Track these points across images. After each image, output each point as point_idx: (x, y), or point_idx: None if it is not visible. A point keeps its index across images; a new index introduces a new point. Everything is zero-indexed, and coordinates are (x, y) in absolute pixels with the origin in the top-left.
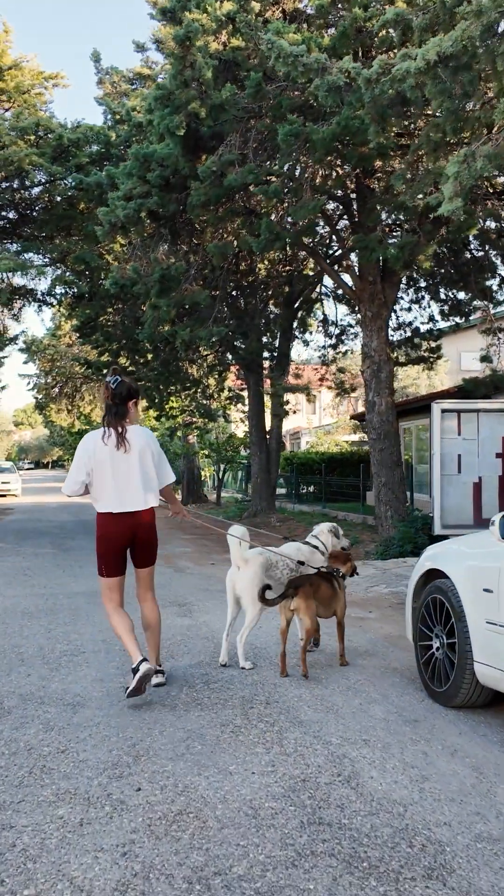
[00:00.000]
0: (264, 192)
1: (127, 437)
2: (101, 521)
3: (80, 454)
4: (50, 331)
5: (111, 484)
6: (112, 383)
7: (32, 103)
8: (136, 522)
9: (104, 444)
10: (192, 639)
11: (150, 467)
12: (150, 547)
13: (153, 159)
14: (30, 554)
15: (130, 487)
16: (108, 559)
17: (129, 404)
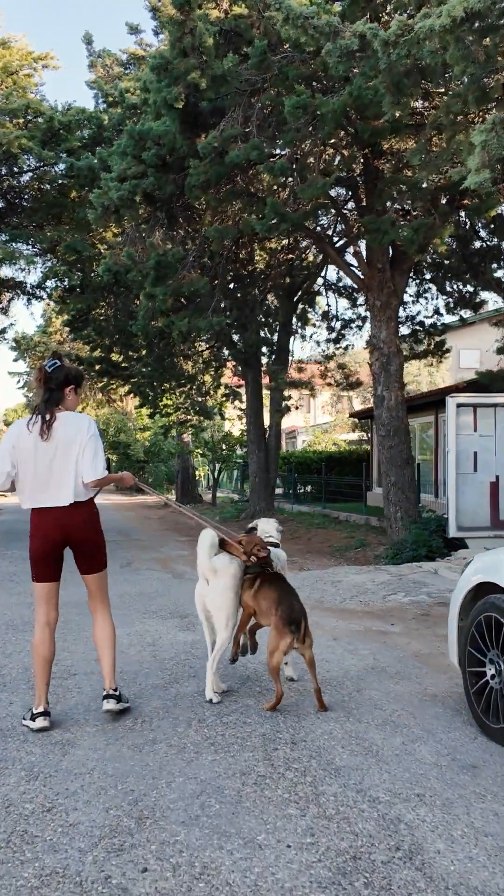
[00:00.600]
0: (269, 169)
1: (53, 426)
2: (31, 519)
3: (4, 442)
4: (40, 328)
5: (31, 476)
6: (48, 366)
7: (22, 85)
8: (66, 521)
9: (29, 431)
10: (197, 658)
11: (76, 459)
12: (89, 549)
13: (149, 137)
14: (17, 557)
15: (52, 480)
16: (35, 560)
17: (65, 390)
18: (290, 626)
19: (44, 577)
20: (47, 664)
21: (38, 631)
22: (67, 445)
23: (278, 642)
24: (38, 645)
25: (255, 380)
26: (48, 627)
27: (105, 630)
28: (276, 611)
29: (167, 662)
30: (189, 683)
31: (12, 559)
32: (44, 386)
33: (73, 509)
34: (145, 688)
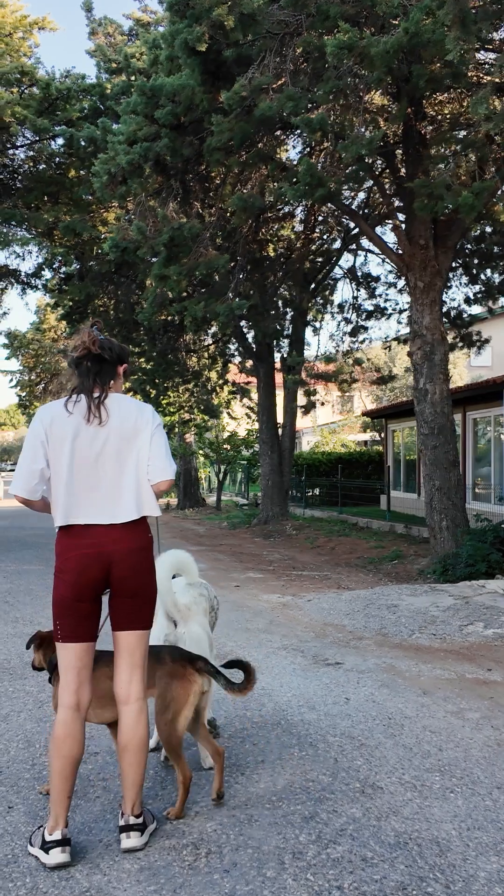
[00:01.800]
0: (307, 123)
1: (105, 405)
2: (59, 546)
3: (33, 432)
4: (34, 324)
5: (67, 476)
6: (95, 332)
7: (15, 48)
8: (113, 547)
9: (68, 412)
10: (258, 727)
11: (137, 454)
12: (138, 593)
13: (163, 93)
14: (11, 572)
15: (102, 484)
16: (64, 608)
17: (119, 368)
18: (194, 664)
19: (75, 635)
20: (73, 767)
21: (64, 719)
22: (127, 436)
23: (187, 693)
24: (61, 739)
25: (268, 375)
26: (78, 713)
27: (139, 727)
28: (163, 659)
29: (221, 734)
30: (261, 776)
31: (6, 574)
32: (93, 354)
33: (128, 531)
34: (198, 780)
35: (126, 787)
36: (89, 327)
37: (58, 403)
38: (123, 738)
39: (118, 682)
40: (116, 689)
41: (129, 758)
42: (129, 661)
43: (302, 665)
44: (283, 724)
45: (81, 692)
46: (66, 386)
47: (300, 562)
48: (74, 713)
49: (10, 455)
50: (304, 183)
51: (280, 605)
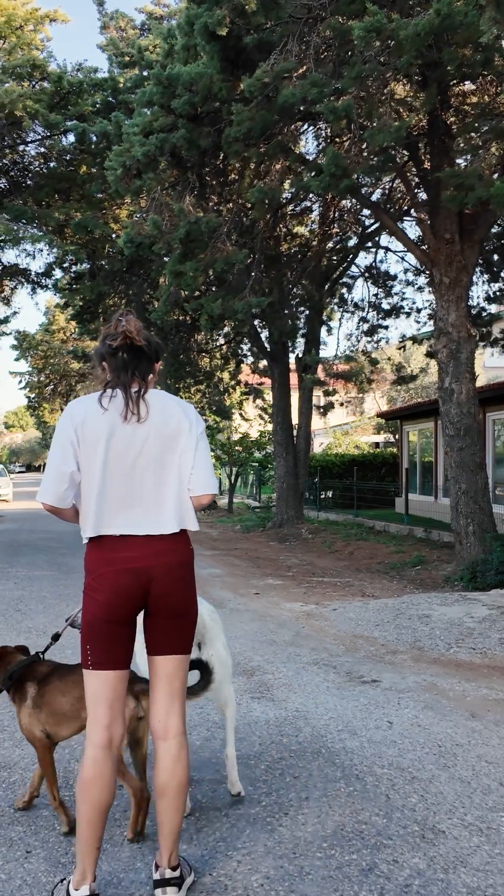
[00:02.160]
0: (331, 110)
1: (145, 400)
2: (91, 560)
3: (62, 431)
4: (43, 325)
5: (100, 482)
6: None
7: (26, 41)
8: (154, 561)
9: (103, 409)
10: (297, 756)
11: (180, 459)
12: (178, 613)
13: (180, 83)
14: (23, 577)
15: (141, 490)
16: (96, 631)
17: (156, 365)
18: (132, 684)
19: (108, 661)
20: (103, 814)
21: (93, 758)
22: (169, 437)
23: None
24: (89, 782)
25: (283, 375)
26: (109, 752)
27: (178, 768)
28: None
29: (257, 764)
30: (310, 813)
31: (18, 580)
32: (133, 346)
33: (170, 543)
34: (237, 821)
35: (163, 835)
36: (122, 315)
37: (90, 399)
38: (161, 780)
39: (155, 713)
40: (152, 723)
41: (168, 802)
42: (167, 691)
43: (336, 683)
44: (324, 753)
45: (114, 728)
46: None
47: (319, 567)
48: (105, 752)
49: (19, 457)
50: (329, 174)
51: (304, 614)
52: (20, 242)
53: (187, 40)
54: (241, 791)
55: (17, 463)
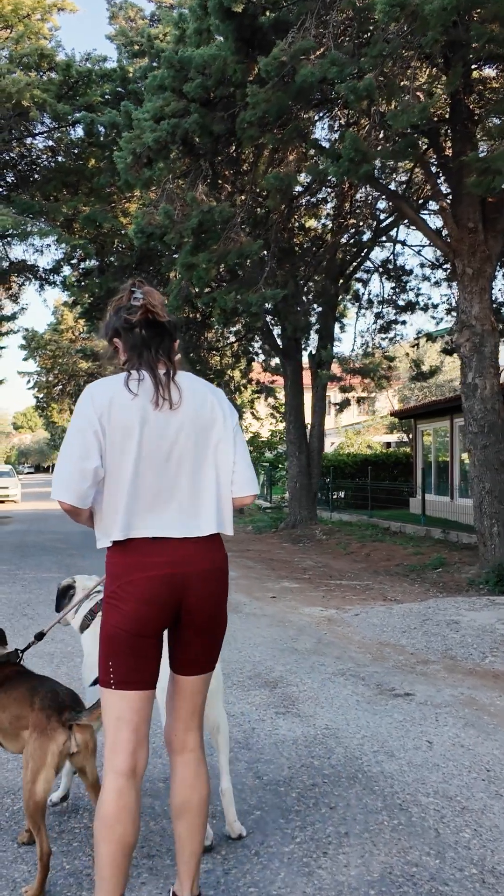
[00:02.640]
0: (352, 90)
1: (177, 383)
2: (115, 565)
3: (83, 419)
4: (51, 325)
5: (132, 477)
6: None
7: (34, 30)
8: (189, 569)
9: (132, 394)
10: (331, 783)
11: (216, 452)
12: (212, 625)
13: (192, 65)
14: (30, 580)
15: (177, 486)
16: (121, 647)
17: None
18: (61, 715)
19: (135, 681)
20: (128, 853)
21: (117, 790)
22: (204, 425)
23: (44, 752)
24: (113, 817)
25: (296, 373)
26: (134, 780)
27: (198, 784)
28: (33, 703)
29: (287, 791)
30: (351, 852)
31: (25, 582)
32: (153, 320)
33: (207, 547)
34: (269, 862)
35: (182, 859)
36: (135, 285)
37: (114, 382)
38: (180, 797)
39: (173, 728)
40: (169, 737)
41: (189, 821)
42: (188, 706)
43: (366, 696)
44: (360, 779)
45: (139, 754)
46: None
47: (336, 569)
48: (130, 781)
49: (28, 458)
50: (348, 158)
51: (325, 619)
52: (28, 237)
53: (199, 24)
54: (241, 832)
55: (25, 464)
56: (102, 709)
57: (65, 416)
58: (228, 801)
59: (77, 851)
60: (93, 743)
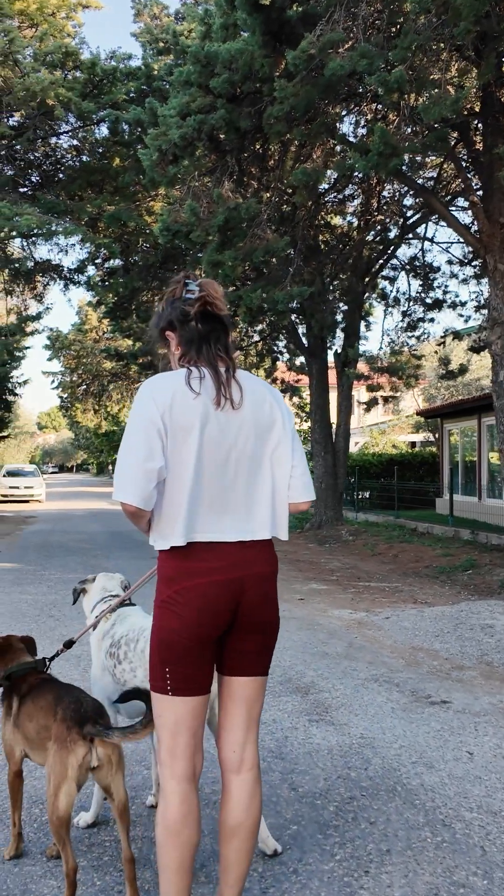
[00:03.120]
0: (382, 82)
1: (238, 381)
2: (171, 569)
3: (145, 417)
4: (75, 325)
5: (193, 480)
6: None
7: (58, 28)
8: (246, 572)
9: (193, 393)
10: (370, 796)
11: (273, 454)
12: (267, 628)
13: (219, 60)
14: (56, 581)
15: (235, 489)
16: (179, 653)
17: (230, 338)
18: (82, 727)
19: (194, 686)
20: (193, 857)
21: (182, 796)
22: (263, 426)
23: (64, 765)
24: (178, 823)
25: (321, 372)
26: (194, 784)
27: (253, 806)
28: (56, 713)
29: (324, 804)
30: (394, 871)
31: (51, 583)
32: (211, 313)
33: (262, 551)
34: (309, 880)
35: (227, 882)
36: (188, 276)
37: (174, 378)
38: (233, 819)
39: (229, 741)
40: (225, 754)
41: (239, 844)
42: (245, 718)
43: (401, 703)
44: (399, 792)
45: (198, 758)
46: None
47: (364, 571)
48: (192, 786)
49: (52, 457)
50: (377, 152)
51: (355, 623)
52: (53, 236)
53: (226, 18)
54: (277, 849)
55: (49, 463)
56: (157, 715)
57: (88, 415)
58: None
59: (107, 866)
60: (117, 758)
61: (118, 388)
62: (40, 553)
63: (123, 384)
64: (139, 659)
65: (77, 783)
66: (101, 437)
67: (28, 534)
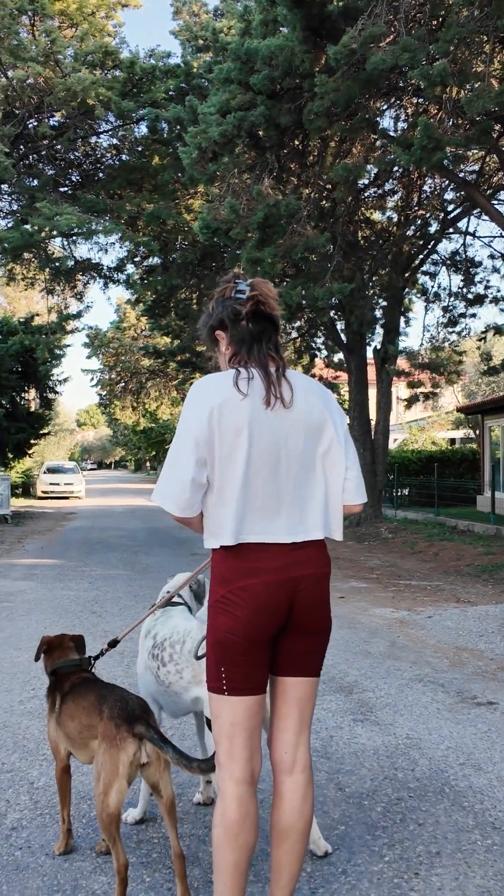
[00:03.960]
0: (425, 75)
1: (289, 380)
2: (225, 569)
3: (193, 425)
4: (114, 323)
5: (242, 481)
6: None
7: (98, 28)
8: (298, 572)
9: (241, 394)
10: (417, 797)
11: (324, 455)
12: (320, 628)
13: (259, 57)
14: (97, 577)
15: (286, 489)
16: (234, 654)
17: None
18: (131, 725)
19: (250, 686)
20: (249, 859)
21: (239, 797)
22: (314, 427)
23: (115, 763)
24: (236, 824)
25: (360, 368)
26: (252, 787)
27: (306, 807)
28: (102, 712)
29: (372, 805)
30: (445, 874)
31: (92, 579)
32: (262, 312)
33: (315, 551)
34: (358, 881)
35: (279, 885)
36: (237, 276)
37: (223, 381)
38: (286, 821)
39: (281, 742)
40: (278, 755)
41: (291, 846)
42: (298, 718)
43: (446, 704)
44: (448, 794)
45: (256, 760)
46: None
47: (404, 569)
48: (251, 788)
49: (90, 454)
50: (420, 146)
51: (397, 622)
52: (93, 235)
53: (265, 14)
54: (328, 849)
55: (88, 460)
56: (214, 716)
57: (127, 413)
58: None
59: (156, 863)
60: (164, 754)
61: (156, 386)
62: (81, 549)
63: (161, 381)
64: (186, 660)
65: (128, 780)
66: (139, 434)
67: (69, 530)
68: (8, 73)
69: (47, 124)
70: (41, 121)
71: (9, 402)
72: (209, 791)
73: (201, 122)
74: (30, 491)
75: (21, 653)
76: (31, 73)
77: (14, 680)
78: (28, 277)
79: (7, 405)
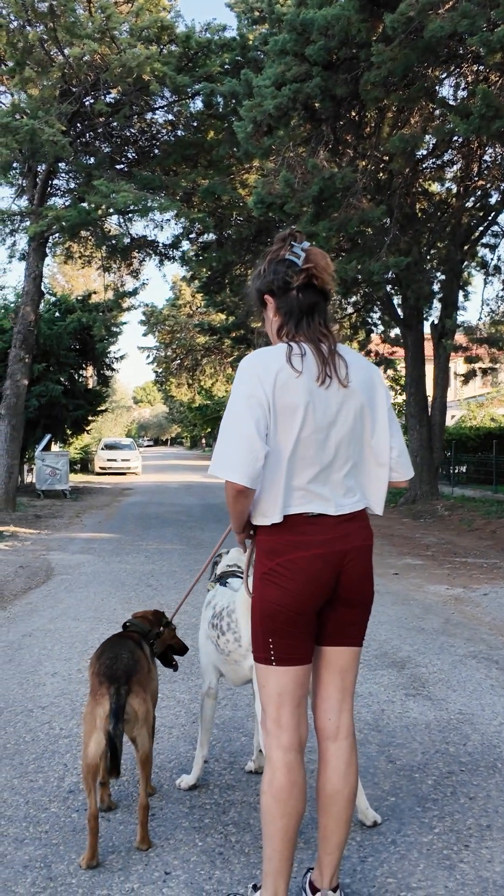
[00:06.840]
0: (485, 42)
1: (343, 356)
2: (273, 542)
3: (252, 398)
4: (169, 300)
5: (290, 456)
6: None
7: (154, 2)
8: (344, 545)
9: (296, 371)
10: (469, 771)
11: (370, 431)
12: (364, 599)
13: (314, 28)
14: (153, 551)
15: (334, 463)
16: (283, 625)
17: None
18: (111, 683)
19: (298, 656)
20: (298, 825)
21: (288, 765)
22: (363, 404)
23: (93, 716)
24: (285, 792)
25: (417, 344)
26: (300, 754)
27: (351, 773)
28: (93, 667)
29: (423, 778)
30: (495, 847)
31: (148, 553)
32: (314, 285)
33: (359, 523)
34: (408, 851)
35: (326, 850)
36: (292, 236)
37: (276, 355)
38: (331, 787)
39: (324, 710)
40: (321, 722)
41: (338, 812)
42: (340, 685)
43: (500, 681)
44: (500, 769)
45: (302, 728)
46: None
47: (460, 547)
48: (298, 756)
49: (147, 430)
50: (479, 115)
51: (451, 599)
52: (148, 212)
53: None
54: (377, 819)
55: (145, 437)
56: (261, 685)
57: (182, 390)
58: (359, 787)
59: (208, 828)
60: (143, 712)
61: (211, 363)
62: (138, 524)
63: (217, 358)
64: (244, 629)
65: (105, 734)
66: (194, 411)
67: (126, 505)
68: (65, 50)
69: (103, 101)
70: (97, 98)
71: (67, 379)
72: (261, 760)
73: (256, 96)
74: (88, 467)
75: (79, 623)
76: (86, 49)
77: (72, 649)
78: (85, 255)
79: (65, 382)
